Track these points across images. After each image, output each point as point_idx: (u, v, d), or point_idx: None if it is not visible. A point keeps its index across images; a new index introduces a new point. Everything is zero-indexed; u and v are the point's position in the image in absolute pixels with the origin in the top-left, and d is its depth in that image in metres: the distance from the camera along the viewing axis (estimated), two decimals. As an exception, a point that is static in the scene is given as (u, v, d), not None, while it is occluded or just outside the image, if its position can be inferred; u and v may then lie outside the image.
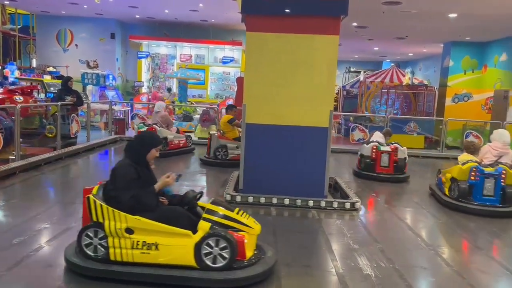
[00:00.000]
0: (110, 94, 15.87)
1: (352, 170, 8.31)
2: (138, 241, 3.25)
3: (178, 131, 9.78)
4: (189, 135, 10.18)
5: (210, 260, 3.23)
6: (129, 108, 15.12)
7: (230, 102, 13.00)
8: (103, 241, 3.30)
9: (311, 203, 5.75)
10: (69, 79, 9.59)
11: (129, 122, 12.48)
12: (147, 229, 3.25)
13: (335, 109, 19.56)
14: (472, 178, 5.92)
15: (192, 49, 19.41)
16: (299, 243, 4.39)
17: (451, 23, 10.95)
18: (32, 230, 4.37)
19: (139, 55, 18.41)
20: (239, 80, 13.17)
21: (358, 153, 8.29)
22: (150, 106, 14.44)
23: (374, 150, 7.84)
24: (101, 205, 3.29)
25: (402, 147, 7.94)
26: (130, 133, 11.99)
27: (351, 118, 14.87)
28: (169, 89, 17.14)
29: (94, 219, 3.31)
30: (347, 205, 5.78)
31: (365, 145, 8.16)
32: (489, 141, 6.86)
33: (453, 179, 6.19)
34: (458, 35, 12.82)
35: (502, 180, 5.84)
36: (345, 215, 5.58)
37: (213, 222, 3.34)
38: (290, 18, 5.63)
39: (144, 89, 18.40)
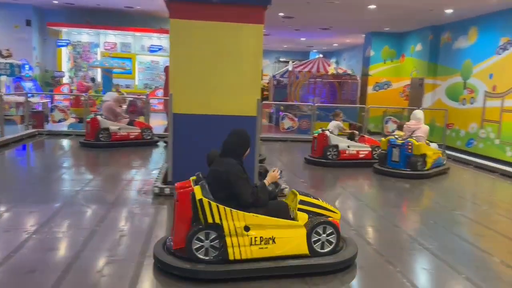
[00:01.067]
0: (27, 85, 14.74)
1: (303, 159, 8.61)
2: (255, 237, 3.30)
3: (130, 123, 9.57)
4: (149, 128, 9.87)
5: (318, 247, 3.46)
6: (49, 100, 14.15)
7: (161, 92, 12.65)
8: (214, 242, 3.26)
9: (241, 191, 5.79)
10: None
11: (49, 115, 11.67)
12: (262, 224, 3.33)
13: (266, 98, 19.89)
14: (386, 147, 7.66)
15: (117, 37, 18.57)
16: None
17: (371, 14, 11.51)
18: None
19: (58, 43, 17.23)
20: (167, 70, 12.84)
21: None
22: (72, 98, 13.67)
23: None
24: (217, 206, 3.24)
25: (336, 133, 8.56)
26: (50, 126, 11.24)
27: (282, 107, 15.16)
28: (93, 79, 16.30)
29: (210, 221, 3.24)
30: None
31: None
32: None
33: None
34: (377, 26, 13.53)
35: (407, 150, 7.34)
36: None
37: (308, 212, 3.54)
38: (214, 5, 5.55)
39: (65, 80, 17.32)
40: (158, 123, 12.30)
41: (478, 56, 10.82)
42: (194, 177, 3.66)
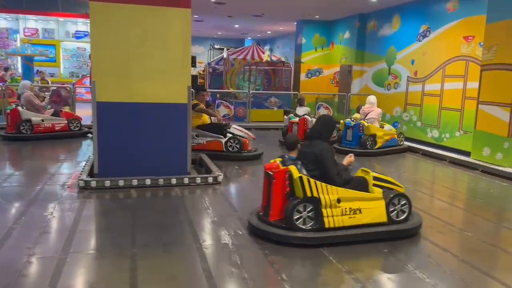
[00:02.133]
0: None
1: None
2: (345, 208, 3.86)
3: (56, 114, 9.09)
4: (77, 119, 9.29)
5: (395, 216, 4.04)
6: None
7: (88, 80, 11.95)
8: (310, 213, 3.79)
9: (173, 181, 5.67)
10: None
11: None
12: (352, 197, 3.91)
13: (202, 86, 19.60)
14: (342, 128, 8.75)
15: (39, 23, 17.33)
16: (159, 223, 4.30)
17: (300, 2, 11.68)
18: None
19: (-30, 29, 15.74)
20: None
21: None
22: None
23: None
24: (315, 182, 3.78)
25: (310, 118, 9.44)
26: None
27: (218, 95, 15.04)
28: (6, 69, 15.09)
29: (309, 195, 3.77)
30: (210, 179, 5.87)
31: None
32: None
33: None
34: (308, 14, 13.77)
35: (359, 131, 8.38)
36: (208, 190, 5.65)
37: (380, 186, 4.16)
38: (137, -12, 5.32)
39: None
40: (87, 113, 11.67)
41: (401, 43, 11.39)
42: (279, 159, 4.20)
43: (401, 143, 9.09)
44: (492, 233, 4.54)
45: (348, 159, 4.25)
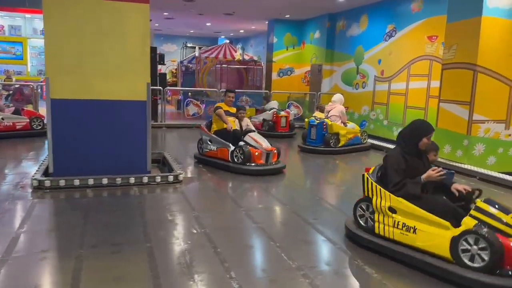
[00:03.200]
0: None
1: None
2: (398, 221, 3.49)
3: (17, 112, 8.81)
4: (40, 118, 9.00)
5: (467, 258, 3.07)
6: None
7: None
8: (372, 215, 3.68)
9: (132, 180, 5.55)
10: None
11: None
12: (408, 212, 3.45)
13: (175, 85, 19.43)
14: (306, 127, 8.80)
15: (5, 19, 16.82)
16: (112, 223, 4.19)
17: (270, 1, 11.69)
18: None
19: None
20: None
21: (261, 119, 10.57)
22: None
23: (274, 115, 10.30)
24: (371, 183, 3.69)
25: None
26: None
27: (190, 94, 14.92)
28: None
29: (366, 194, 3.74)
30: (171, 178, 5.78)
31: (268, 111, 10.65)
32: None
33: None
34: (279, 13, 13.80)
35: (322, 129, 8.44)
36: (169, 188, 5.57)
37: (480, 220, 3.15)
38: (92, -18, 5.19)
39: None
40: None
41: (368, 43, 11.55)
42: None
43: (365, 141, 9.18)
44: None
45: (429, 173, 3.53)
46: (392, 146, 9.11)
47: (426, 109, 9.37)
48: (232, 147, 6.60)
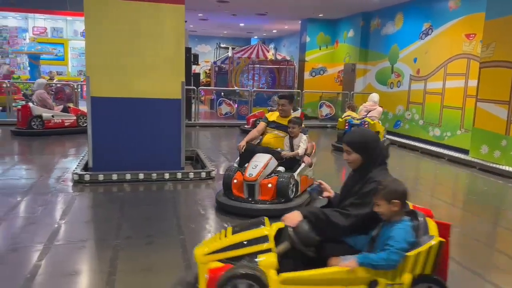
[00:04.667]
0: None
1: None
2: None
3: (65, 110, 9.31)
4: (85, 115, 9.45)
5: None
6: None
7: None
8: None
9: (167, 175, 5.73)
10: None
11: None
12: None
13: (209, 85, 19.71)
14: (346, 127, 8.50)
15: (48, 21, 17.59)
16: (146, 215, 4.35)
17: (304, 1, 11.68)
18: None
19: (-19, 28, 16.05)
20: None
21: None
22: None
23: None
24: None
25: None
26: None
27: (223, 94, 15.11)
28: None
29: None
30: (203, 175, 5.91)
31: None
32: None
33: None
34: (312, 12, 13.75)
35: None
36: (201, 184, 5.70)
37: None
38: (130, -16, 5.39)
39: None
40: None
41: (404, 41, 11.32)
42: None
43: (384, 138, 8.97)
44: (484, 231, 4.51)
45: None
46: (425, 146, 8.94)
47: (463, 108, 9.10)
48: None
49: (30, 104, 8.95)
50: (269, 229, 2.43)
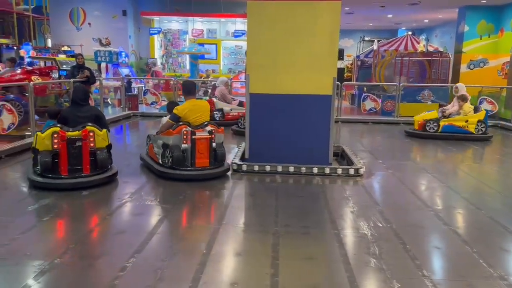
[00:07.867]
0: (125, 71, 16.09)
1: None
2: None
3: (241, 104, 10.29)
4: None
5: None
6: (143, 85, 15.33)
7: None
8: None
9: (315, 170, 5.86)
10: (76, 56, 9.87)
11: (142, 98, 12.68)
12: None
13: (349, 80, 19.41)
14: None
15: (204, 24, 19.37)
16: (299, 206, 4.54)
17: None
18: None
19: (151, 32, 18.49)
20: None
21: None
22: (158, 82, 14.64)
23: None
24: None
25: None
26: (144, 109, 12.21)
27: (365, 88, 14.71)
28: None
29: None
30: (351, 171, 5.87)
31: None
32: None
33: None
34: (473, -2, 12.45)
35: None
36: (349, 181, 5.68)
37: None
38: (291, -14, 5.61)
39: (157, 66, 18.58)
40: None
41: None
42: None
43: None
44: None
45: None
46: None
47: None
48: None
49: (214, 99, 10.23)
50: None
